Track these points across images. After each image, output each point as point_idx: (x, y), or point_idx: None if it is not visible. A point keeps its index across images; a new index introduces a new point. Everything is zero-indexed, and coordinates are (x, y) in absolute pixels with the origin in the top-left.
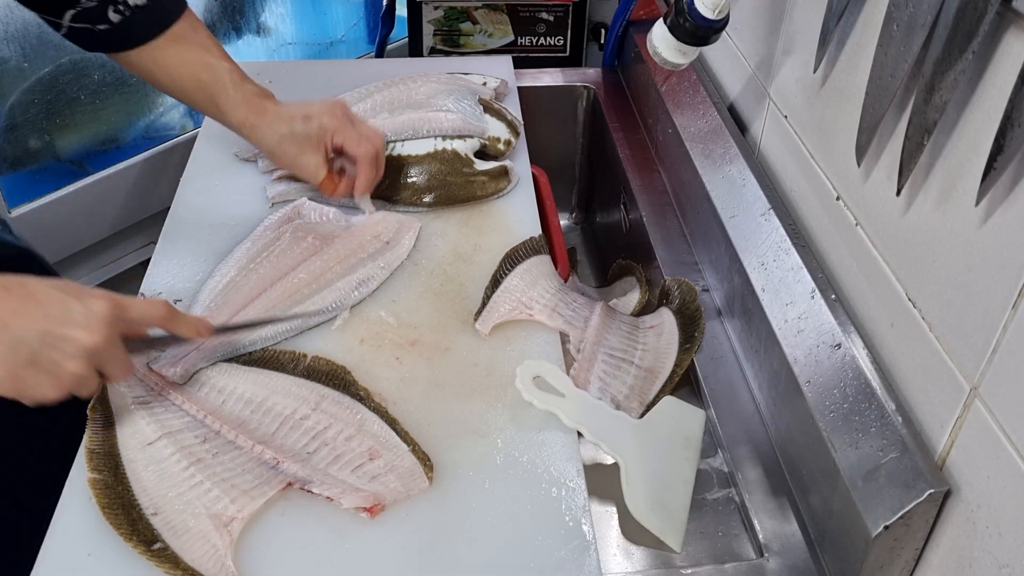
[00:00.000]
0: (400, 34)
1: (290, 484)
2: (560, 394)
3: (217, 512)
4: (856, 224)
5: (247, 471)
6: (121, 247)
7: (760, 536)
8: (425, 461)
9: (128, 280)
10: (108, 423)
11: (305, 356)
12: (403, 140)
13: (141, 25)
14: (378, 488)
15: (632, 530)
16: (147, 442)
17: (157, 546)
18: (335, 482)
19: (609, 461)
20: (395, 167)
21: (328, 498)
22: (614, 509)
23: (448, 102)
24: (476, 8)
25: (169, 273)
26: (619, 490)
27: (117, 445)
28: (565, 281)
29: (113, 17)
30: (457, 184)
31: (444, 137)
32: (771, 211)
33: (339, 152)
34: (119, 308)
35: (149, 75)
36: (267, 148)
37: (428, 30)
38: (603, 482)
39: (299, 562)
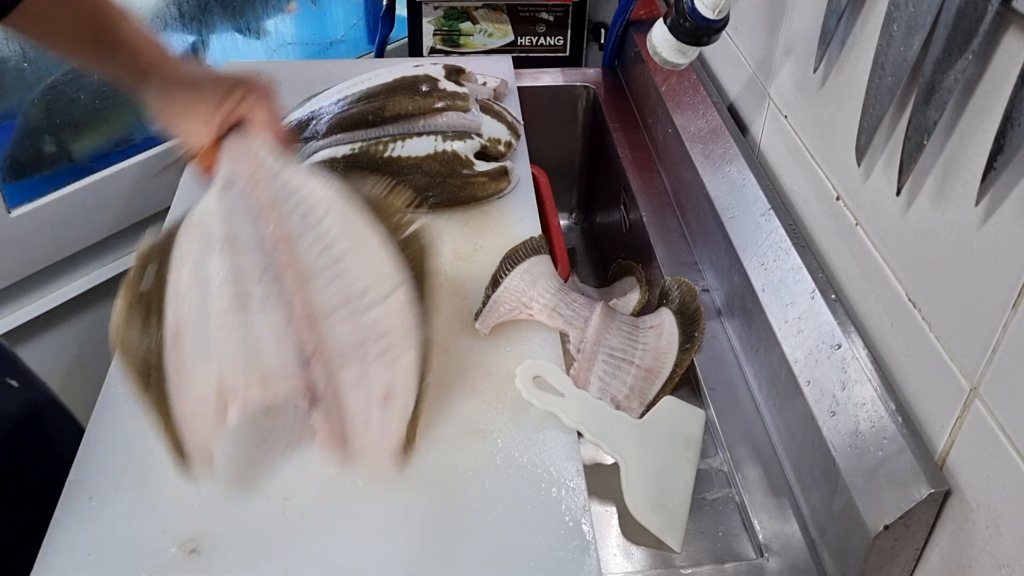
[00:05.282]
0: (400, 34)
1: (309, 395)
2: (560, 394)
3: (226, 378)
4: (856, 224)
5: (279, 352)
6: (121, 247)
7: (760, 536)
8: (408, 442)
9: None
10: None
11: (412, 219)
12: (402, 140)
13: None
14: (359, 440)
15: (632, 530)
16: (210, 236)
17: (153, 376)
18: (337, 410)
19: (609, 461)
20: (394, 168)
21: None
22: (614, 509)
23: None
24: (476, 8)
25: None
26: (619, 490)
27: (174, 241)
28: (565, 281)
29: None
30: (457, 185)
31: (444, 138)
32: (771, 211)
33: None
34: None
35: (30, 34)
36: (152, 102)
37: (428, 30)
38: (603, 482)
39: (299, 562)
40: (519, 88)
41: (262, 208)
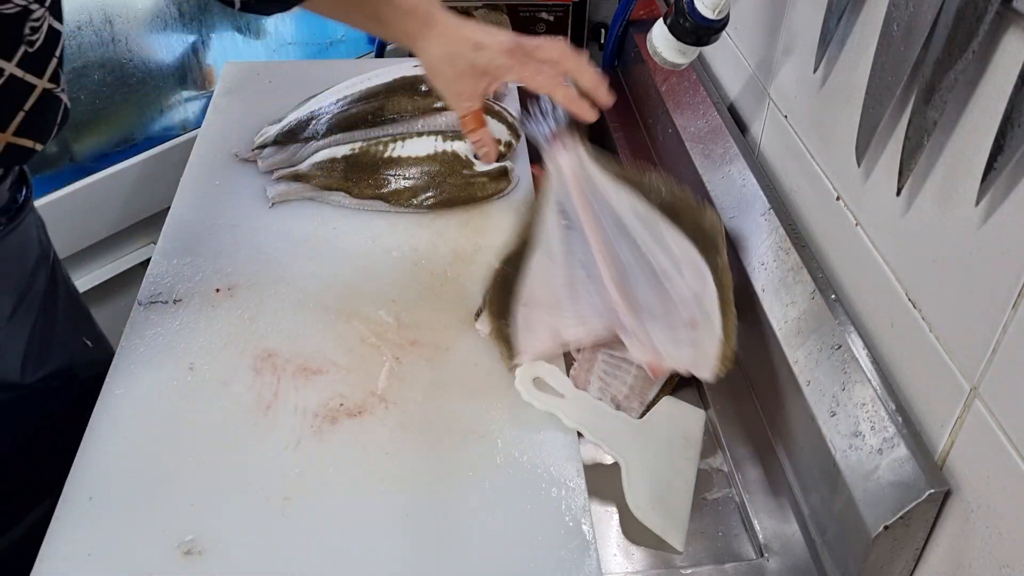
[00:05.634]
0: None
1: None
2: (560, 395)
3: (559, 328)
4: (856, 224)
5: (594, 308)
6: (121, 247)
7: (760, 536)
8: (725, 355)
9: (128, 280)
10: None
11: (706, 215)
12: (402, 140)
13: None
14: (674, 353)
15: (632, 530)
16: (549, 238)
17: (504, 324)
18: (645, 333)
19: (609, 461)
20: (394, 168)
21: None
22: (614, 509)
23: None
24: (476, 8)
25: (169, 273)
26: (619, 490)
27: (531, 247)
28: None
29: None
30: (457, 185)
31: (443, 138)
32: (771, 211)
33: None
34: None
35: (314, 6)
36: (425, 62)
37: None
38: (603, 482)
39: (299, 562)
40: (519, 88)
41: (581, 217)
